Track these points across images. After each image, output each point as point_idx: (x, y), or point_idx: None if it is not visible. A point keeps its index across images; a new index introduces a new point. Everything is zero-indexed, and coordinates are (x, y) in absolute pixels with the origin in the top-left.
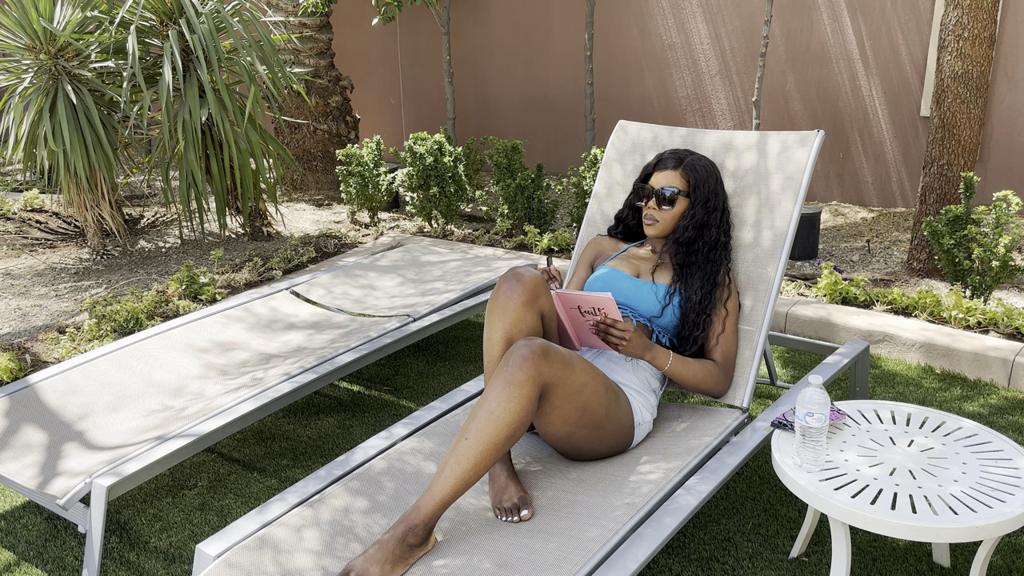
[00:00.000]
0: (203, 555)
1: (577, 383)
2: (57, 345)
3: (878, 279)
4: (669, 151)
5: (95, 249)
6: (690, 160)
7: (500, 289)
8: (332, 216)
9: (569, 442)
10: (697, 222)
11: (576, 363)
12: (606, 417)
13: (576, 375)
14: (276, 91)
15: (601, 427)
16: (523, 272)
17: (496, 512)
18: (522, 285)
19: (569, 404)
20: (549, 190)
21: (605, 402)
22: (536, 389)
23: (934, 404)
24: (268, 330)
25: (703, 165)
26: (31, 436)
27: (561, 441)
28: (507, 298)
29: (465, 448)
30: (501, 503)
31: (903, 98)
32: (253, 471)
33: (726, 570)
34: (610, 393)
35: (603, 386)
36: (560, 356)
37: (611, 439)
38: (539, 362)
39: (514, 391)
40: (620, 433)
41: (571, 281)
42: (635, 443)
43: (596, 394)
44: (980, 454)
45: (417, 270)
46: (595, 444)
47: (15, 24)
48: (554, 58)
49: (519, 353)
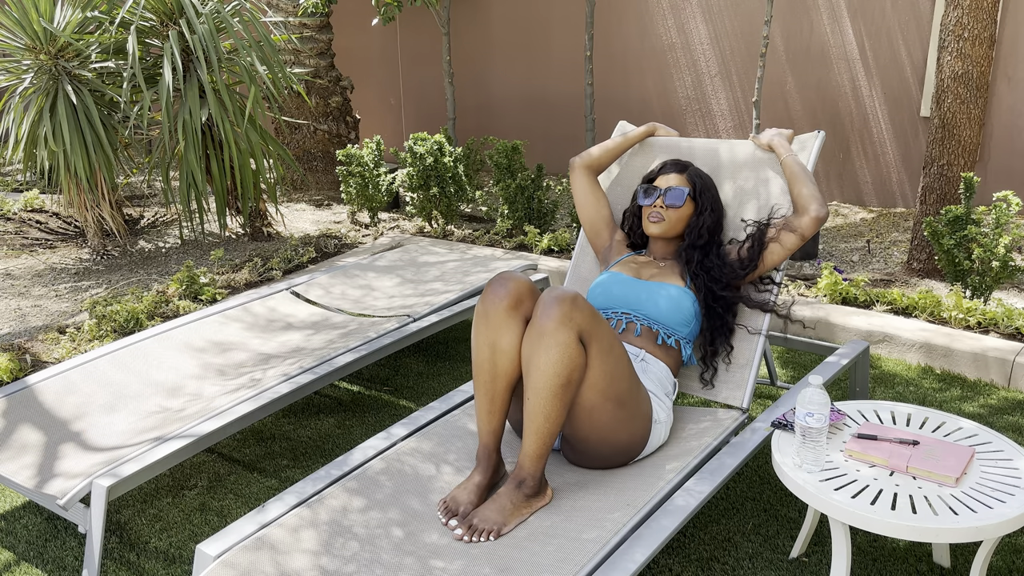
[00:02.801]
0: (203, 555)
1: (608, 338)
2: (57, 345)
3: (878, 279)
4: (671, 160)
5: (95, 249)
6: (693, 168)
7: (485, 294)
8: (332, 216)
9: (592, 417)
10: (707, 228)
11: (603, 321)
12: (629, 392)
13: (606, 330)
14: (276, 91)
15: (624, 405)
16: (509, 276)
17: (443, 513)
18: (506, 290)
19: (600, 362)
20: (549, 190)
21: (629, 374)
22: (573, 334)
23: (934, 404)
24: (267, 330)
25: (704, 174)
26: (31, 436)
27: (586, 416)
28: (491, 303)
29: (530, 410)
30: (457, 507)
31: (903, 98)
32: (253, 471)
33: (726, 570)
34: (634, 372)
35: (628, 358)
36: (588, 305)
37: (631, 425)
38: (569, 310)
39: (550, 340)
40: (640, 422)
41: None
42: (652, 446)
43: (622, 361)
44: (980, 454)
45: (416, 270)
46: (616, 427)
47: (15, 24)
48: (554, 58)
49: (548, 306)
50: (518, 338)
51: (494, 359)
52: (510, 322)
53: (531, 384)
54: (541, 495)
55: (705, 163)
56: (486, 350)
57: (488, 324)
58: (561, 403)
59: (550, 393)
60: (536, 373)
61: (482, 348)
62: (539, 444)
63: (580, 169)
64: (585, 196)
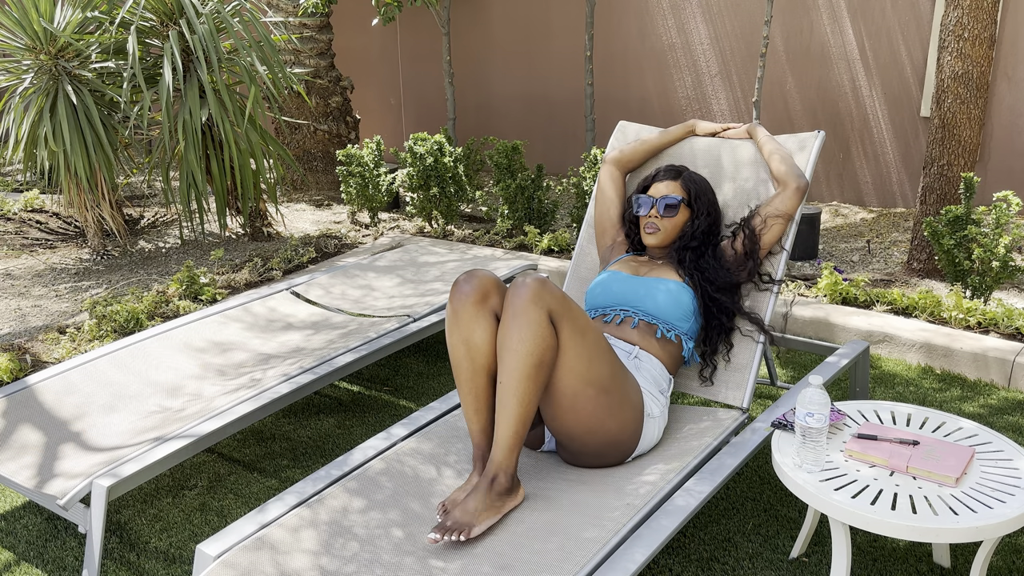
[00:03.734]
0: (203, 555)
1: (581, 320)
2: (57, 345)
3: (878, 279)
4: (665, 166)
5: (95, 249)
6: (688, 173)
7: (452, 293)
8: (332, 216)
9: (576, 407)
10: (703, 231)
11: (575, 305)
12: (612, 380)
13: (578, 312)
14: (276, 91)
15: (609, 392)
16: (473, 273)
17: (442, 515)
18: (471, 286)
19: (576, 344)
20: (549, 190)
21: (609, 359)
22: (543, 313)
23: (934, 404)
24: (267, 330)
25: (700, 178)
26: (31, 436)
27: (569, 408)
28: (459, 301)
29: (502, 393)
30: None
31: (903, 99)
32: (253, 471)
33: (726, 570)
34: (617, 360)
35: (607, 346)
36: (558, 290)
37: (621, 414)
38: (539, 290)
39: (521, 319)
40: (630, 412)
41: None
42: (647, 442)
43: (600, 347)
44: (980, 455)
45: (416, 270)
46: (603, 415)
47: (15, 24)
48: (554, 58)
49: (517, 286)
50: (489, 332)
51: (470, 355)
52: (479, 317)
53: (504, 367)
54: (514, 494)
55: (705, 163)
56: (461, 347)
57: (459, 322)
58: (535, 385)
59: (522, 374)
60: (509, 355)
61: (457, 347)
62: (512, 431)
63: (609, 164)
64: (603, 193)
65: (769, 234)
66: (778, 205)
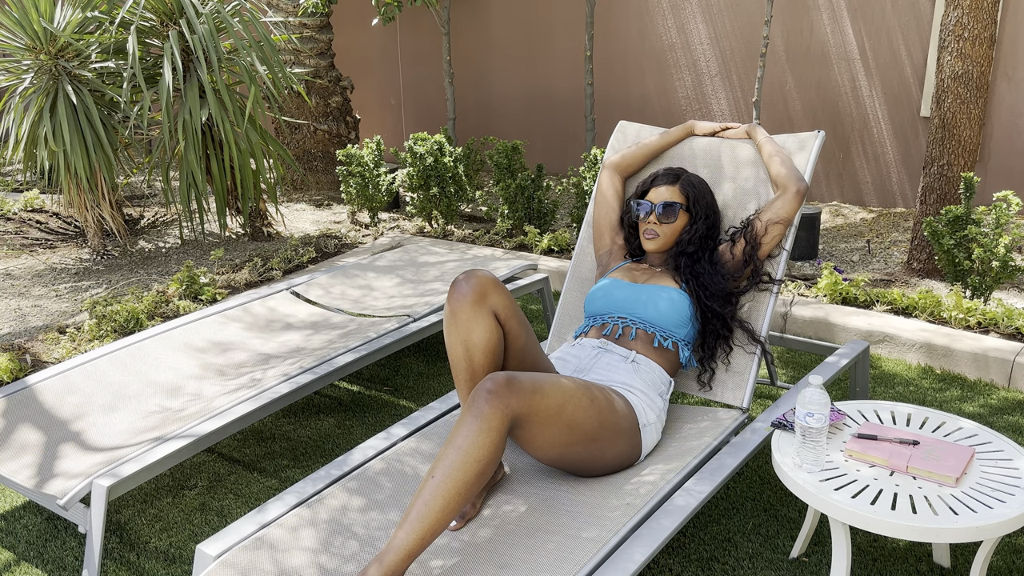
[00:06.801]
0: (203, 555)
1: (552, 406)
2: (57, 345)
3: (878, 279)
4: (663, 169)
5: (95, 249)
6: (686, 176)
7: (450, 294)
8: (332, 216)
9: (566, 460)
10: (700, 236)
11: (548, 386)
12: (600, 427)
13: (549, 399)
14: (276, 91)
15: (597, 439)
16: (471, 273)
17: None
18: (469, 286)
19: (550, 428)
20: (549, 190)
21: (594, 413)
22: (504, 422)
23: (934, 404)
24: (267, 330)
25: (698, 181)
26: (31, 436)
27: (558, 462)
28: (457, 301)
29: (432, 488)
30: None
31: (903, 98)
32: (253, 471)
33: (726, 570)
34: (599, 403)
35: (587, 399)
36: (528, 384)
37: (614, 448)
38: (504, 395)
39: (482, 424)
40: (624, 439)
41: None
42: (646, 449)
43: (579, 409)
44: (980, 454)
45: (416, 270)
46: (597, 456)
47: (15, 24)
48: (554, 58)
49: (484, 388)
50: (488, 331)
51: (469, 356)
52: (478, 317)
53: (443, 462)
54: None
55: (705, 163)
56: (460, 348)
57: (457, 322)
58: (466, 495)
59: (463, 478)
60: (453, 451)
61: (456, 347)
62: (419, 537)
63: (609, 170)
64: (602, 196)
65: (768, 239)
66: (777, 209)
